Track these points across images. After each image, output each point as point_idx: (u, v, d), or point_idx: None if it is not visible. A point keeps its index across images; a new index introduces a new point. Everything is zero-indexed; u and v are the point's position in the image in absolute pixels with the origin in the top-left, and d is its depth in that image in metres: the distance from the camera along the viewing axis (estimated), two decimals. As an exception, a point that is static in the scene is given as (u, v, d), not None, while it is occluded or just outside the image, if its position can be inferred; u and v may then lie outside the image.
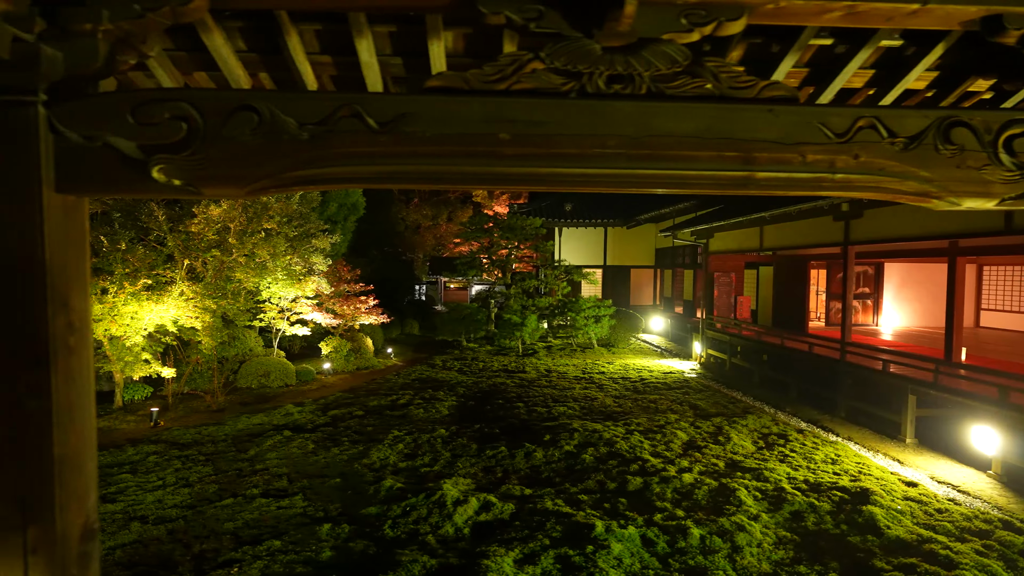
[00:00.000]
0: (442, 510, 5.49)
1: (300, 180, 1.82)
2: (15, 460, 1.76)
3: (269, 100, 1.78)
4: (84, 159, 1.78)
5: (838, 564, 4.53)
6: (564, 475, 6.52)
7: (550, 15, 1.83)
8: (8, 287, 1.73)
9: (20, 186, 1.72)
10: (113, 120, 1.76)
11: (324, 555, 4.73)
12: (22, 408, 1.76)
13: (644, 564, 4.59)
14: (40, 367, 1.76)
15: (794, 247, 11.35)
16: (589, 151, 1.84)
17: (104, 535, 5.13)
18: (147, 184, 1.78)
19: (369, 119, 1.79)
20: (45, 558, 1.78)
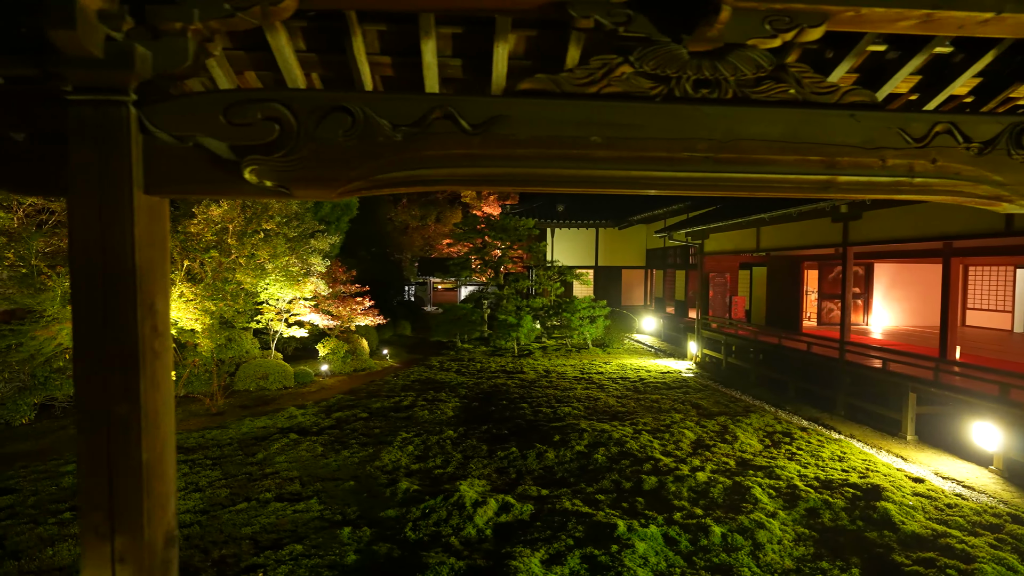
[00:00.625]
0: (462, 512, 5.48)
1: (393, 182, 1.81)
2: (104, 467, 1.73)
3: (363, 101, 1.77)
4: (174, 160, 1.75)
5: (859, 560, 4.62)
6: (578, 475, 6.54)
7: (639, 20, 1.85)
8: (100, 291, 1.70)
9: (113, 187, 1.69)
10: (205, 120, 1.74)
11: (349, 559, 4.69)
12: (112, 414, 1.73)
13: (670, 563, 4.63)
14: (130, 372, 1.73)
15: (791, 248, 11.52)
16: (679, 154, 1.86)
17: (119, 542, 5.03)
18: (238, 185, 1.76)
19: (463, 121, 1.79)
20: (133, 566, 1.76)
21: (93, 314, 1.70)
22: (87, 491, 1.73)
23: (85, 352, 1.71)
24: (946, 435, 7.66)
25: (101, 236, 1.69)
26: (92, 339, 1.71)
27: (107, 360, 1.71)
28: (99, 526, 1.73)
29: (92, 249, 1.69)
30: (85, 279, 1.69)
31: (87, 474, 1.73)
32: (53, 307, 8.35)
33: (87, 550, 1.74)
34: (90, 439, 1.72)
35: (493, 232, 19.98)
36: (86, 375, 1.71)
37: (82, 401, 1.72)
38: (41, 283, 8.33)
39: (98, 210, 1.69)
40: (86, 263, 1.69)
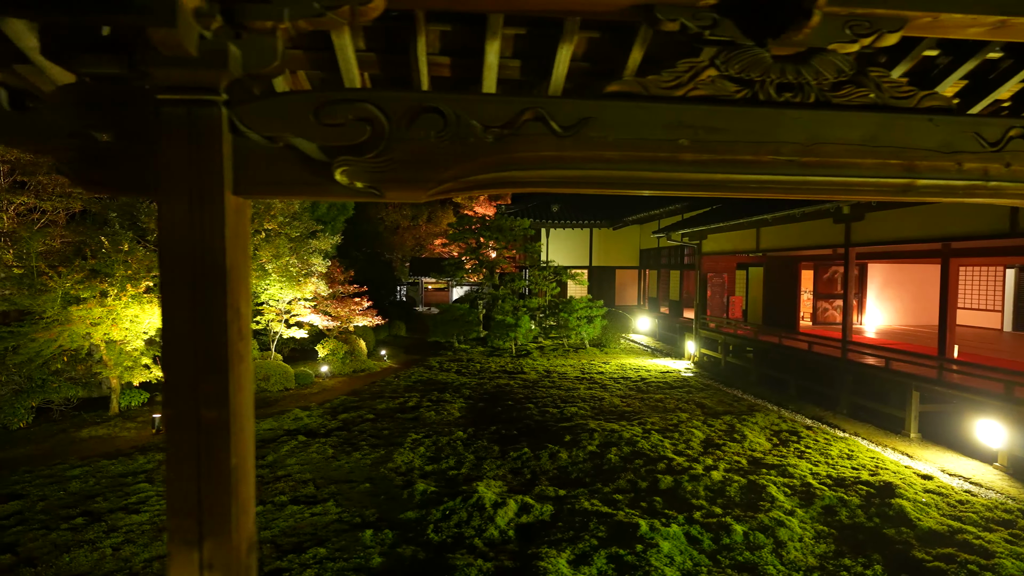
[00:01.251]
0: (482, 513, 5.47)
1: (483, 183, 1.81)
2: (194, 472, 1.70)
3: (454, 102, 1.76)
4: (263, 160, 1.73)
5: (880, 556, 4.68)
6: (593, 475, 6.56)
7: (724, 24, 1.86)
8: (191, 293, 1.67)
9: (204, 188, 1.66)
10: (295, 121, 1.72)
11: (374, 561, 4.66)
12: (201, 418, 1.70)
13: (695, 561, 4.66)
14: (220, 375, 1.70)
15: (792, 248, 11.66)
16: (763, 157, 1.88)
17: (136, 547, 4.96)
18: (328, 186, 1.75)
19: (553, 123, 1.79)
20: (220, 573, 1.73)
21: (183, 316, 1.67)
22: (175, 496, 1.70)
23: (175, 355, 1.68)
24: (949, 433, 7.80)
25: (191, 238, 1.66)
26: (182, 342, 1.68)
27: (197, 363, 1.68)
28: (187, 532, 1.70)
29: (182, 251, 1.66)
30: (175, 281, 1.66)
31: (176, 479, 1.70)
32: (53, 308, 8.19)
33: (174, 556, 1.71)
34: (179, 444, 1.69)
35: (489, 232, 19.97)
36: (175, 379, 1.68)
37: (171, 405, 1.69)
38: (41, 284, 8.16)
39: (188, 211, 1.66)
40: (176, 265, 1.66)
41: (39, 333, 8.00)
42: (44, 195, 12.18)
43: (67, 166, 1.67)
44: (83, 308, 8.18)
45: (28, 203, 12.18)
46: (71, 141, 1.67)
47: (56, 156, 1.68)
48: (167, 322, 1.68)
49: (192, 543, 1.69)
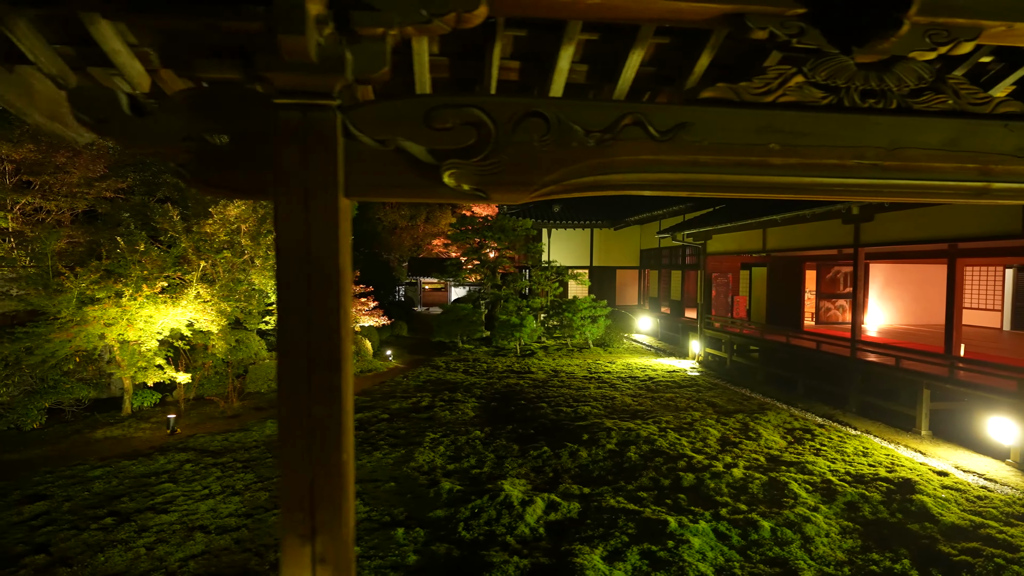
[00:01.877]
0: (511, 511, 5.52)
1: (584, 186, 1.86)
2: (307, 468, 1.74)
3: (556, 107, 1.82)
4: (373, 163, 1.77)
5: (907, 551, 4.78)
6: (615, 473, 6.63)
7: (811, 32, 1.92)
8: (307, 293, 1.71)
9: (320, 191, 1.71)
10: (405, 125, 1.77)
11: (410, 559, 4.70)
12: (315, 415, 1.74)
13: (727, 557, 4.73)
14: (334, 373, 1.75)
15: (799, 248, 11.78)
16: (848, 162, 1.94)
17: (169, 546, 4.97)
18: (436, 189, 1.80)
19: (651, 128, 1.84)
20: (332, 567, 1.77)
21: (298, 315, 1.72)
22: (289, 492, 1.74)
23: (289, 352, 1.72)
24: (959, 430, 7.93)
25: (307, 239, 1.70)
26: (297, 340, 1.72)
27: (311, 361, 1.73)
28: (300, 527, 1.74)
29: (299, 252, 1.70)
30: (291, 281, 1.71)
31: (289, 475, 1.74)
32: (68, 309, 8.16)
33: (288, 551, 1.75)
34: (293, 440, 1.74)
35: (491, 232, 20.02)
36: (291, 376, 1.73)
37: (285, 402, 1.73)
38: (58, 284, 8.13)
39: (304, 213, 1.70)
40: (292, 265, 1.70)
41: (55, 334, 7.97)
42: (50, 195, 12.15)
43: (184, 168, 1.71)
44: (98, 308, 8.16)
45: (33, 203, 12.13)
46: (187, 144, 1.71)
47: (173, 159, 1.71)
48: (282, 321, 1.72)
49: (305, 537, 1.73)
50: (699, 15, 1.93)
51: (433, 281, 36.78)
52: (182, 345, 9.38)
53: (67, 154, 11.64)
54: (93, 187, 12.46)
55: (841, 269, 14.84)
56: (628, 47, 2.42)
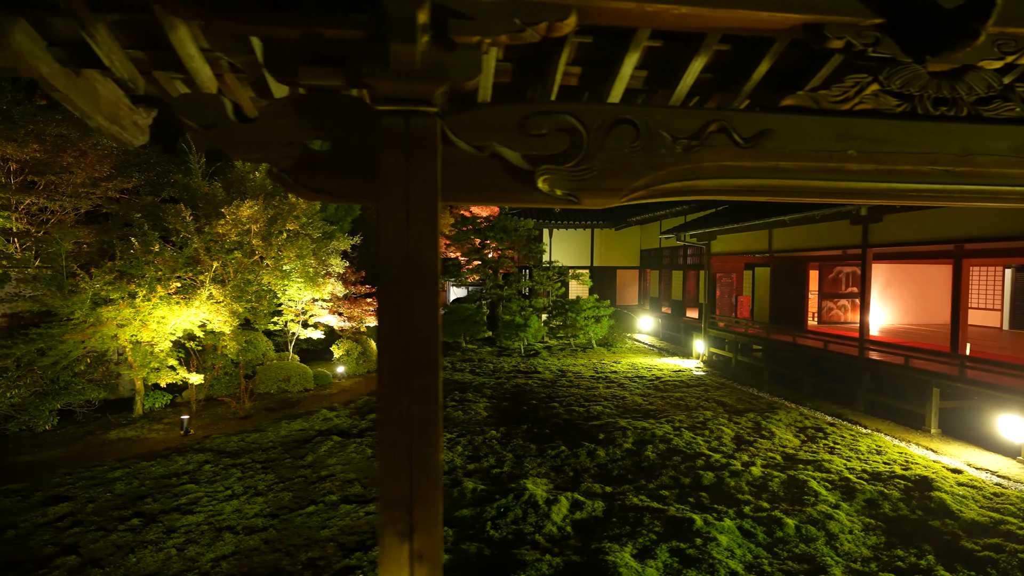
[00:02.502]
0: (537, 510, 5.57)
1: (670, 191, 1.91)
2: (406, 467, 1.78)
3: (645, 114, 1.86)
4: (469, 168, 1.82)
5: (930, 547, 4.86)
6: (635, 472, 6.69)
7: (886, 41, 1.98)
8: (407, 294, 1.75)
9: (421, 195, 1.74)
10: (502, 131, 1.81)
11: (443, 558, 4.73)
12: (414, 414, 1.78)
13: (754, 554, 4.80)
14: (431, 372, 1.79)
15: (806, 249, 11.90)
16: (922, 168, 2.00)
17: (199, 547, 4.98)
18: (530, 193, 1.84)
19: (735, 135, 1.90)
20: (428, 565, 1.82)
21: (397, 316, 1.75)
22: (388, 490, 1.78)
23: (392, 354, 1.76)
24: (969, 428, 8.04)
25: (407, 243, 1.74)
26: (398, 341, 1.75)
27: (412, 362, 1.76)
28: (399, 524, 1.78)
29: (400, 255, 1.74)
30: (392, 282, 1.74)
31: (389, 474, 1.78)
32: (82, 310, 8.12)
33: (387, 549, 1.79)
34: (393, 440, 1.77)
35: (493, 232, 20.07)
36: (391, 377, 1.76)
37: (386, 402, 1.77)
38: (72, 285, 8.10)
39: (406, 217, 1.74)
40: (395, 268, 1.74)
41: (69, 335, 7.94)
42: (55, 195, 12.07)
43: (286, 174, 1.74)
44: (112, 309, 8.13)
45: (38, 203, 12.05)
46: (289, 150, 1.75)
47: (276, 164, 1.75)
48: (383, 322, 1.76)
49: (404, 535, 1.77)
50: (780, 24, 1.98)
51: (431, 281, 36.56)
52: (193, 346, 9.36)
53: (74, 154, 11.58)
54: (99, 187, 12.41)
55: (843, 269, 14.97)
56: (692, 54, 2.47)
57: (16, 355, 8.01)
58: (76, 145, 11.64)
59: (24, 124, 11.39)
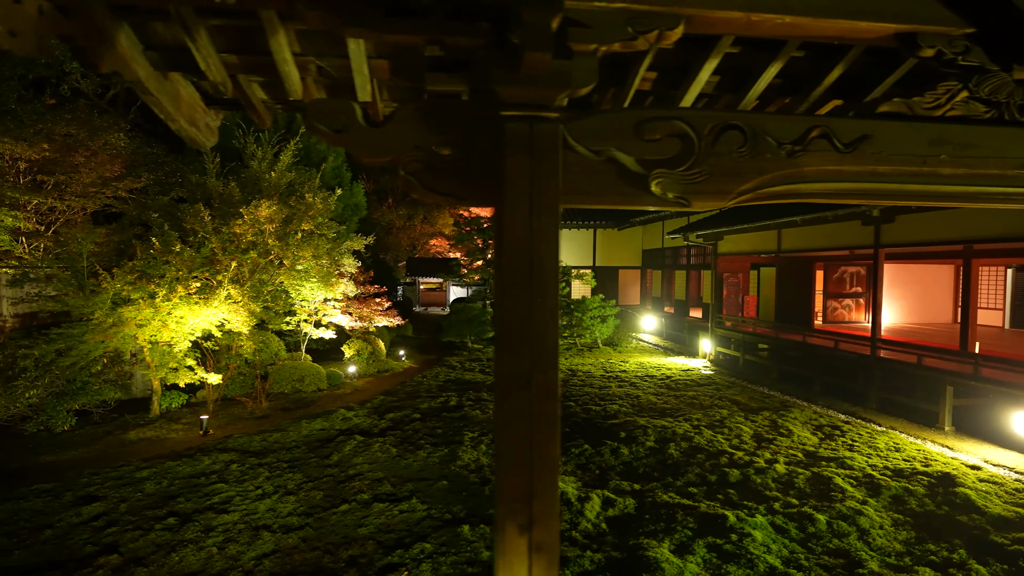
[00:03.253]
0: (570, 507, 5.63)
1: (774, 194, 1.98)
2: (526, 462, 1.84)
3: (751, 120, 1.93)
4: (585, 172, 1.87)
5: (960, 541, 4.96)
6: (660, 469, 6.76)
7: (975, 51, 2.06)
8: (528, 294, 1.80)
9: (544, 198, 1.80)
10: (618, 136, 1.87)
11: (484, 555, 4.79)
12: (534, 413, 1.84)
13: (790, 549, 4.88)
14: (552, 370, 1.84)
15: (816, 249, 12.04)
16: (1009, 172, 2.08)
17: (239, 545, 5.00)
18: (642, 196, 1.90)
19: (836, 140, 1.97)
20: (547, 556, 1.87)
21: (519, 316, 1.81)
22: (509, 484, 1.83)
23: (515, 352, 1.81)
24: (982, 425, 8.18)
25: (530, 245, 1.79)
26: (522, 339, 1.81)
27: (534, 360, 1.82)
28: (519, 517, 1.83)
29: (523, 257, 1.79)
30: (514, 283, 1.80)
31: (509, 468, 1.83)
32: (102, 310, 8.11)
33: (507, 541, 1.84)
34: (514, 435, 1.83)
35: (497, 232, 20.13)
36: (514, 374, 1.82)
37: (509, 399, 1.82)
38: (94, 285, 8.09)
39: (529, 220, 1.79)
40: (515, 268, 1.79)
41: (90, 335, 7.93)
42: (66, 195, 12.02)
43: (413, 177, 1.80)
44: (133, 309, 8.12)
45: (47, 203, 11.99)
46: (416, 153, 1.80)
47: (404, 167, 1.80)
48: (504, 321, 1.81)
49: (524, 527, 1.82)
50: (873, 33, 2.06)
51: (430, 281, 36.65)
52: (210, 346, 9.35)
53: (85, 153, 11.54)
54: (109, 186, 12.37)
55: (848, 269, 15.13)
56: (769, 60, 2.54)
57: (36, 355, 7.99)
58: (87, 144, 11.61)
59: (32, 123, 11.34)
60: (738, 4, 1.89)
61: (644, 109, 1.93)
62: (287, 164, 10.68)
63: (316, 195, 10.23)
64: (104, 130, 12.10)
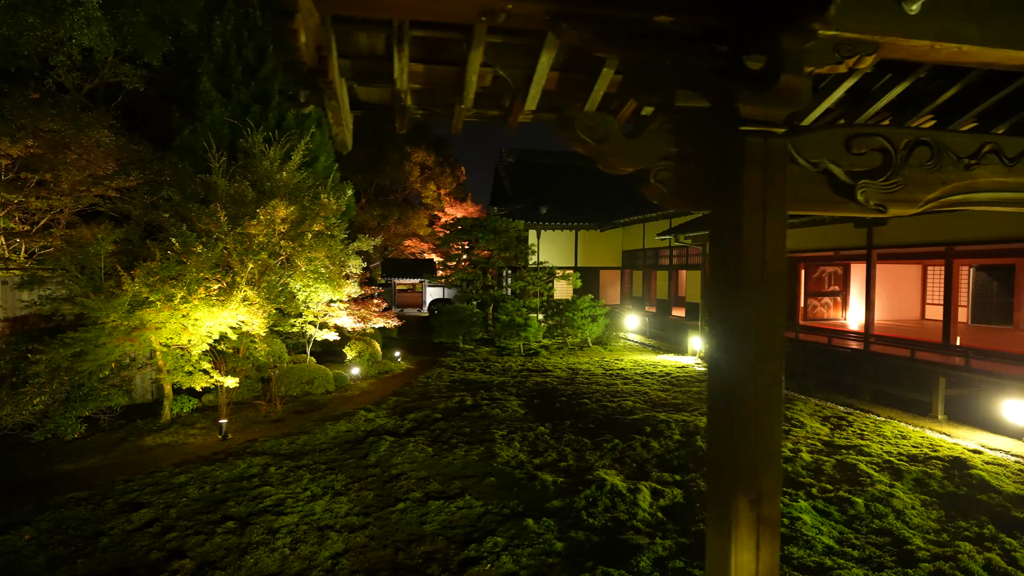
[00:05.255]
0: (623, 498, 5.85)
1: (950, 203, 2.24)
2: (754, 439, 2.03)
3: (936, 136, 2.18)
4: (804, 182, 2.08)
5: (987, 518, 5.42)
6: (694, 461, 7.06)
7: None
8: (764, 292, 2.00)
9: (773, 206, 2.00)
10: (830, 150, 2.09)
11: (557, 546, 4.95)
12: (761, 395, 2.03)
13: (839, 530, 5.23)
14: (779, 359, 2.04)
15: (809, 250, 12.66)
16: None
17: (309, 545, 5.01)
18: (847, 204, 2.12)
19: (1003, 155, 2.23)
20: (771, 528, 2.07)
21: (756, 312, 2.00)
22: (741, 463, 2.02)
23: (748, 344, 2.00)
24: (972, 414, 8.83)
25: (763, 249, 1.99)
26: (753, 334, 2.00)
27: (761, 353, 2.01)
28: (751, 492, 2.02)
29: (758, 259, 1.99)
30: (751, 283, 1.99)
31: (739, 445, 2.02)
32: (118, 313, 7.87)
33: (740, 513, 2.03)
34: (746, 418, 2.02)
35: (483, 233, 20.27)
36: (745, 362, 2.01)
37: (739, 384, 2.01)
38: (111, 287, 7.85)
39: (763, 226, 1.99)
40: (754, 271, 1.99)
41: (107, 338, 7.70)
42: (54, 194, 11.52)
43: (662, 184, 1.97)
44: (152, 311, 7.92)
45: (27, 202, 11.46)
46: (664, 163, 1.97)
47: (654, 176, 1.96)
48: (738, 317, 2.00)
49: (755, 502, 2.02)
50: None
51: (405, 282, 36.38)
52: (225, 348, 9.17)
53: (78, 150, 11.10)
54: (100, 185, 11.92)
55: (826, 269, 15.90)
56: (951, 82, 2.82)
57: (45, 360, 7.68)
58: (78, 141, 11.16)
59: (15, 118, 10.87)
60: (927, 34, 2.13)
61: (853, 126, 2.15)
62: (297, 163, 10.54)
63: (330, 195, 10.15)
64: (91, 126, 11.68)
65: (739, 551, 2.03)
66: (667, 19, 1.93)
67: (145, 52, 13.33)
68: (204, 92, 13.15)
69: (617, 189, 25.87)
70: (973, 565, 4.54)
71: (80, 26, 11.33)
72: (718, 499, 2.10)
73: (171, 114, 15.68)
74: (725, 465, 2.05)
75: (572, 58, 2.53)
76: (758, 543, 2.05)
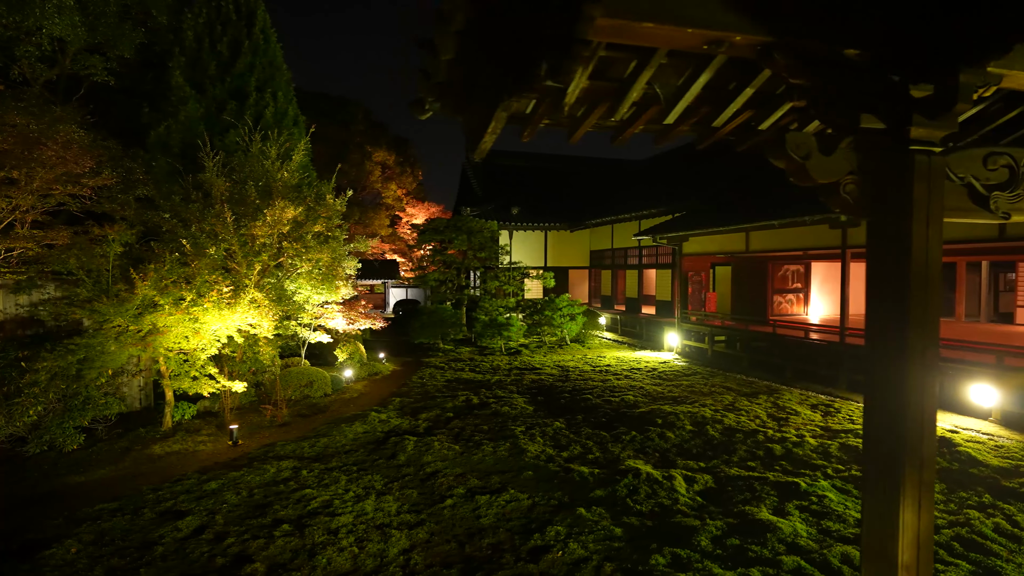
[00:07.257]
0: (661, 485, 6.19)
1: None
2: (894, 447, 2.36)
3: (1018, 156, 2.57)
4: (951, 193, 2.43)
5: (982, 488, 6.08)
6: (712, 449, 7.50)
7: None
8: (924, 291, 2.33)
9: (935, 216, 2.33)
10: (971, 166, 2.44)
11: (617, 531, 5.22)
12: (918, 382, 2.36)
13: (861, 505, 5.74)
14: (935, 347, 2.38)
15: (784, 250, 13.46)
16: None
17: (375, 543, 5.08)
18: (980, 213, 2.49)
19: None
20: (928, 492, 2.41)
21: (920, 307, 2.32)
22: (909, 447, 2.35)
23: (915, 333, 2.32)
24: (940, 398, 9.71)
25: (927, 253, 2.32)
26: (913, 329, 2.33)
27: (925, 341, 2.35)
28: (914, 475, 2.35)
29: (922, 263, 2.31)
30: (918, 284, 2.31)
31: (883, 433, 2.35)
32: (126, 317, 7.58)
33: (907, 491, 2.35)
34: (904, 408, 2.34)
35: (457, 233, 20.34)
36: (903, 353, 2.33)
37: (897, 372, 2.33)
38: (121, 290, 7.55)
39: (926, 232, 2.32)
40: (920, 274, 2.31)
41: (125, 344, 7.41)
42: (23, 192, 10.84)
43: (849, 196, 2.26)
44: (163, 315, 7.67)
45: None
46: (851, 177, 2.27)
47: (842, 189, 2.25)
48: (912, 312, 2.32)
49: (916, 485, 2.35)
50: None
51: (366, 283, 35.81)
52: (229, 352, 8.97)
53: (54, 146, 10.48)
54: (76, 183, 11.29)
55: (790, 268, 16.94)
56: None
57: (47, 368, 7.32)
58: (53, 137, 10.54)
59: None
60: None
61: (988, 146, 2.51)
62: (299, 163, 10.36)
63: (334, 196, 10.05)
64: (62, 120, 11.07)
65: (905, 511, 2.36)
66: (854, 52, 2.22)
67: (117, 43, 12.75)
68: (176, 88, 12.71)
69: (582, 191, 26.51)
70: (985, 529, 5.12)
71: (51, 14, 10.78)
72: (881, 465, 2.41)
73: (139, 109, 14.98)
74: (889, 435, 2.36)
75: (719, 78, 2.79)
76: (920, 503, 2.39)
